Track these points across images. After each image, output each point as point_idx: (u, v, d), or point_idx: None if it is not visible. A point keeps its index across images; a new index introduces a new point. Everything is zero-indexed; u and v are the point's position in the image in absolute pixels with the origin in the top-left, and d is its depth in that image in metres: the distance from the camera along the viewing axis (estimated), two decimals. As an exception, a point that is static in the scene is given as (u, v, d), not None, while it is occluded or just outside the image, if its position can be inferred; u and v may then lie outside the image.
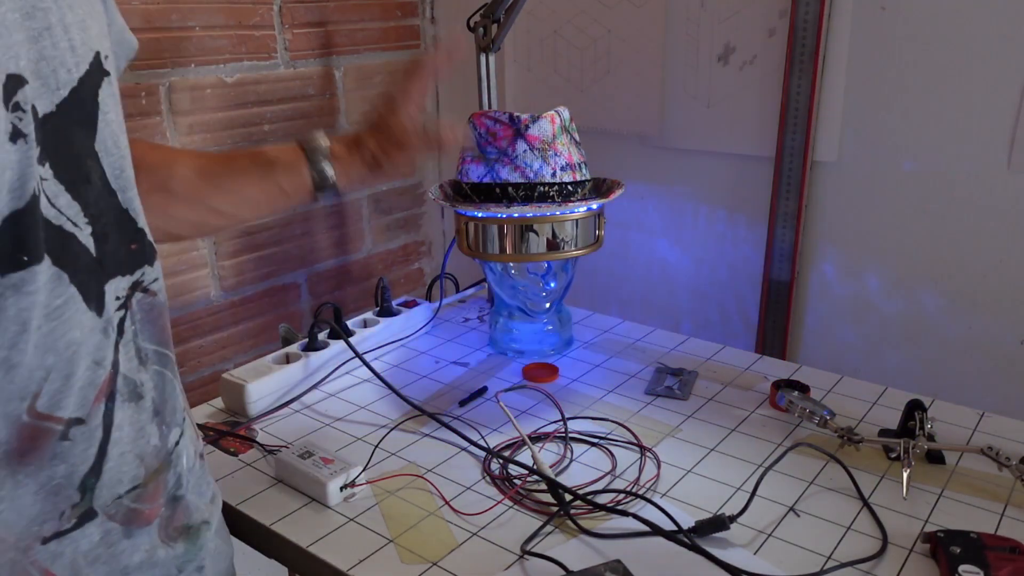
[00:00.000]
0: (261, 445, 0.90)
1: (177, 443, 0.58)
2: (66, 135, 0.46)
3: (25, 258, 0.43)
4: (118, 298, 0.51)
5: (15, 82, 0.41)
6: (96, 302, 0.48)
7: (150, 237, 0.55)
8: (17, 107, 0.41)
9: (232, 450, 0.89)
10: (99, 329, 0.48)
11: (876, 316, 1.22)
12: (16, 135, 0.41)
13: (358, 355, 1.02)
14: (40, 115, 0.43)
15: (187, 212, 0.76)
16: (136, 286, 0.53)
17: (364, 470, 0.82)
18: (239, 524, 0.79)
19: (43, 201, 0.44)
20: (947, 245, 1.13)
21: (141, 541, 0.54)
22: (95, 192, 0.48)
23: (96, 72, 0.49)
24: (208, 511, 0.63)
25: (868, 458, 0.85)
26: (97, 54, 0.49)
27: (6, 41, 0.41)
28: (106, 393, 0.49)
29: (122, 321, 0.51)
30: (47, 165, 0.44)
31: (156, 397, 0.54)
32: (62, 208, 0.45)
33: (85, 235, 0.47)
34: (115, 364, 0.50)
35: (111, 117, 0.50)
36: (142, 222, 0.54)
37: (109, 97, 0.50)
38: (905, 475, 0.79)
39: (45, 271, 0.44)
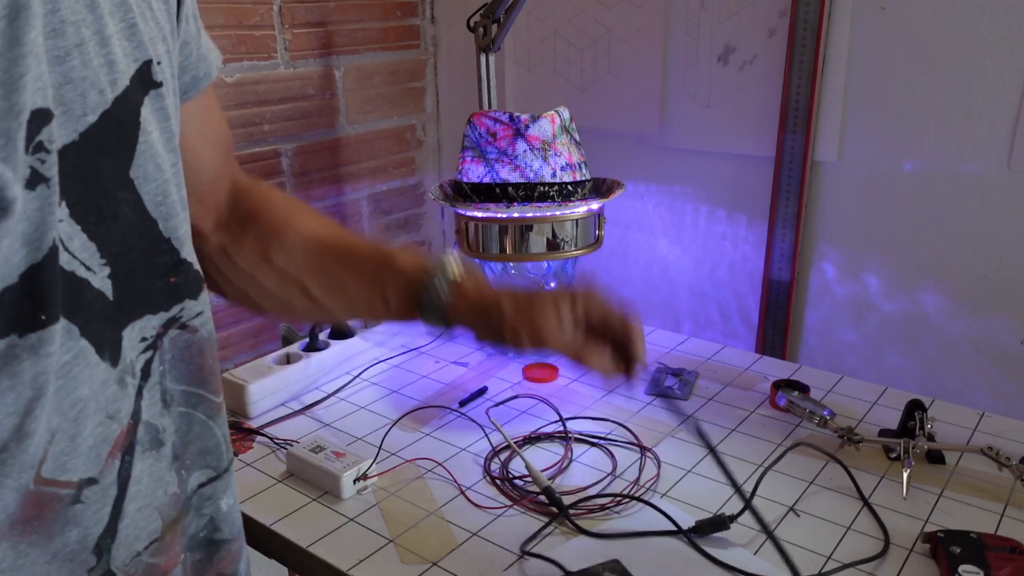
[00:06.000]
0: (271, 438, 0.90)
1: (203, 485, 0.54)
2: (90, 166, 0.41)
3: (43, 316, 0.38)
4: (144, 339, 0.46)
5: (41, 119, 0.37)
6: (111, 351, 0.43)
7: (197, 267, 0.50)
8: (40, 147, 0.37)
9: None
10: (113, 380, 0.44)
11: (876, 316, 1.22)
12: (36, 180, 0.37)
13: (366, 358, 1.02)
14: (58, 148, 0.39)
15: (277, 286, 0.65)
16: (172, 323, 0.49)
17: (375, 462, 0.83)
18: (239, 524, 0.79)
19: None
20: (947, 245, 1.13)
21: None
22: (123, 226, 0.43)
23: (140, 86, 0.44)
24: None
25: (868, 458, 0.85)
26: (147, 63, 0.44)
27: (35, 72, 0.36)
28: (123, 447, 0.45)
29: (148, 363, 0.47)
30: (63, 204, 0.39)
31: (176, 441, 0.50)
32: (75, 251, 0.40)
33: (100, 278, 0.42)
34: (135, 414, 0.46)
35: (154, 137, 0.45)
36: (188, 251, 0.49)
37: (154, 113, 0.45)
38: (905, 475, 0.79)
39: (59, 328, 0.39)
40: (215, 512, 0.55)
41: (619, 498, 0.78)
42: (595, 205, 1.04)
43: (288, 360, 1.03)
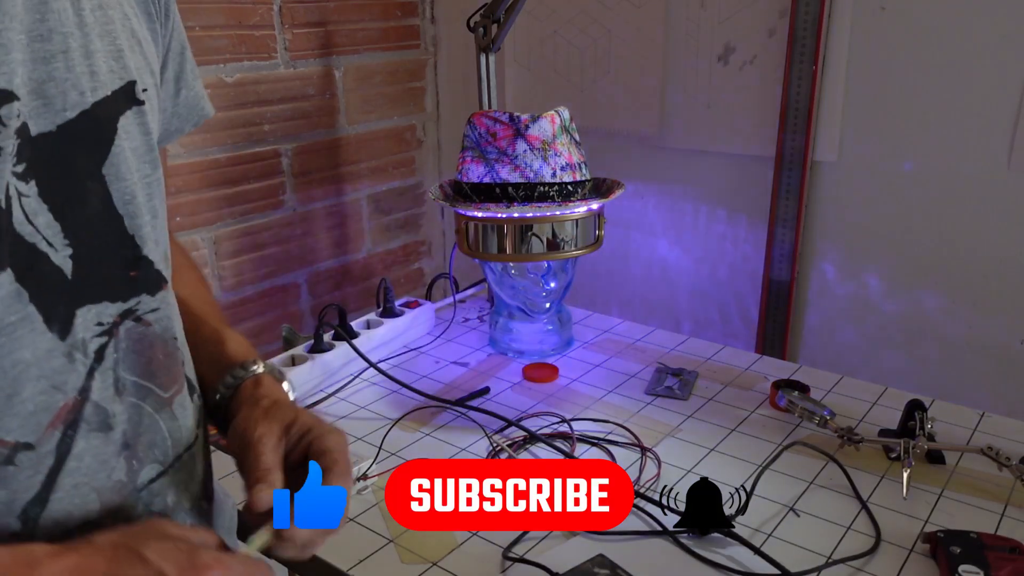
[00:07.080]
0: None
1: (152, 480, 0.53)
2: (63, 155, 0.46)
3: None
4: (100, 324, 0.49)
5: (2, 97, 0.42)
6: (61, 324, 0.46)
7: (159, 267, 0.53)
8: None
9: (232, 450, 0.89)
10: (60, 352, 0.46)
11: (876, 316, 1.22)
12: None
13: (371, 364, 1.02)
14: (33, 133, 0.44)
15: None
16: (128, 314, 0.51)
17: (374, 462, 0.82)
18: (239, 525, 0.79)
19: (18, 216, 0.44)
20: (947, 245, 1.13)
21: None
22: (91, 215, 0.48)
23: (122, 99, 0.49)
24: None
25: (868, 458, 0.85)
26: (131, 84, 0.50)
27: (1, 58, 0.42)
28: (66, 420, 0.47)
29: (103, 347, 0.49)
30: (32, 182, 0.44)
31: (128, 430, 0.51)
32: (39, 226, 0.45)
33: (62, 256, 0.46)
34: (84, 391, 0.48)
35: (126, 144, 0.50)
36: (150, 249, 0.52)
37: (133, 126, 0.50)
38: (905, 475, 0.79)
39: (4, 286, 0.43)
40: (163, 508, 0.55)
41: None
42: (595, 205, 1.04)
43: (293, 362, 1.02)
